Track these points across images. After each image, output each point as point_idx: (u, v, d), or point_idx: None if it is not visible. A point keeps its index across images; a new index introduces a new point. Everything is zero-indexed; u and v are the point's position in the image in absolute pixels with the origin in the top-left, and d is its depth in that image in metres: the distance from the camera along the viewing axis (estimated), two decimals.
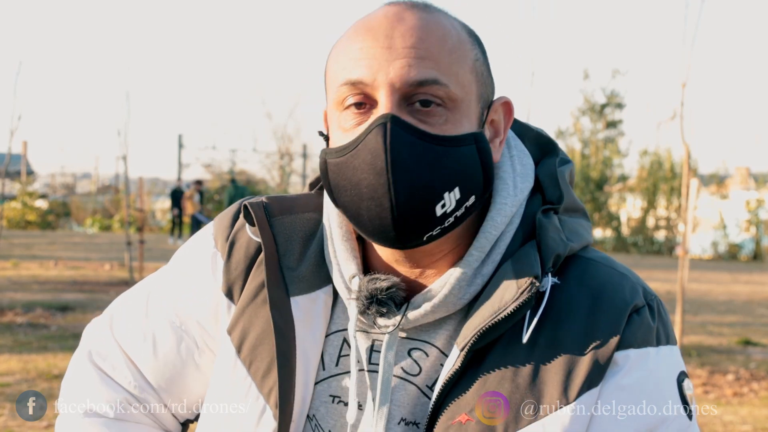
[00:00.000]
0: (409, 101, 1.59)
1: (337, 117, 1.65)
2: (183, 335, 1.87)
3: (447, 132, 1.59)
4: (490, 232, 1.67)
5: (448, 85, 1.59)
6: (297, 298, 1.73)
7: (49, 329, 11.84)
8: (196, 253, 1.89)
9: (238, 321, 1.77)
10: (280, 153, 43.90)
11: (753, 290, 19.91)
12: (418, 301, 1.67)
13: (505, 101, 1.73)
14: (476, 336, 1.59)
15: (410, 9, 1.63)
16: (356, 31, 1.64)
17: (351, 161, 1.59)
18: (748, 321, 14.77)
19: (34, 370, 9.40)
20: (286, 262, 1.77)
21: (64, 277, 17.71)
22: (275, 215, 1.81)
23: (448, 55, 1.60)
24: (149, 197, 39.19)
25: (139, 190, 19.83)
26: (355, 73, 1.60)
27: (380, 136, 1.55)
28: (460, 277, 1.66)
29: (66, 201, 43.14)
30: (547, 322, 1.62)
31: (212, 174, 41.70)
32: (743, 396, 9.36)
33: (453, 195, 1.59)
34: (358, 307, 1.68)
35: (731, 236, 33.49)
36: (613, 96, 37.45)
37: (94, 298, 14.68)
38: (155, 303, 1.91)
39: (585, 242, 1.74)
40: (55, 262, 20.77)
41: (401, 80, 1.57)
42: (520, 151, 1.79)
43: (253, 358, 1.73)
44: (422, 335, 1.69)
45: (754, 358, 11.43)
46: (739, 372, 10.38)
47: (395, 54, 1.58)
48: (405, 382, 1.67)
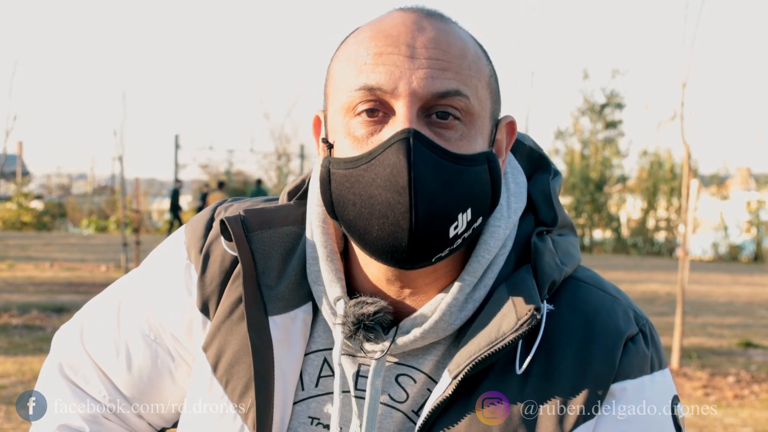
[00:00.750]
0: (428, 113, 1.55)
1: (344, 123, 1.58)
2: (157, 348, 1.83)
3: (462, 148, 1.55)
4: (483, 256, 1.64)
5: (469, 97, 1.55)
6: (275, 317, 1.67)
7: (44, 331, 11.83)
8: (168, 263, 1.83)
9: (214, 338, 1.72)
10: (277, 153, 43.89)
11: (754, 292, 19.91)
12: (407, 326, 1.64)
13: (509, 121, 1.69)
14: (471, 365, 1.56)
15: (428, 18, 1.59)
16: (371, 35, 1.59)
17: (364, 175, 1.54)
18: (749, 323, 14.78)
19: (29, 372, 9.40)
20: (265, 279, 1.70)
21: (60, 279, 17.68)
22: (254, 230, 1.72)
23: (468, 69, 1.57)
24: (145, 198, 39.14)
25: (136, 190, 19.84)
26: (374, 78, 1.54)
27: (402, 153, 1.50)
28: (452, 302, 1.62)
29: (62, 202, 43.09)
30: (540, 350, 1.60)
31: (209, 174, 41.68)
32: (744, 398, 9.36)
33: (465, 216, 1.56)
34: (344, 333, 1.64)
35: (732, 237, 33.48)
36: (613, 96, 37.45)
37: (90, 299, 14.64)
38: (127, 313, 1.86)
39: (576, 263, 1.72)
40: (51, 263, 20.75)
41: (424, 90, 1.53)
42: (513, 168, 1.75)
43: (229, 377, 1.69)
44: (410, 360, 1.66)
45: (755, 360, 11.43)
46: (740, 374, 10.38)
47: (418, 63, 1.54)
48: (391, 409, 1.65)
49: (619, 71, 38.09)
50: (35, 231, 36.53)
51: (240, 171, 43.52)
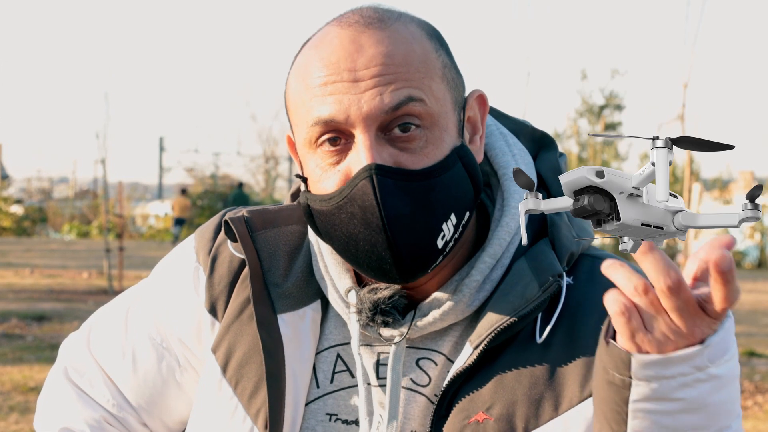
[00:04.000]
0: (387, 129, 1.59)
1: (312, 156, 1.64)
2: (164, 353, 1.86)
3: (430, 155, 1.59)
4: (504, 238, 1.69)
5: (424, 100, 1.59)
6: (284, 315, 1.73)
7: (24, 340, 11.82)
8: (177, 267, 1.88)
9: (223, 339, 1.76)
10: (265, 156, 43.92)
11: (757, 299, 19.94)
12: (425, 308, 1.68)
13: (477, 95, 1.73)
14: (493, 334, 1.60)
15: (365, 30, 1.61)
16: (314, 63, 1.63)
17: (339, 213, 1.60)
18: (753, 331, 14.79)
19: (9, 382, 9.38)
20: (271, 278, 1.76)
21: (41, 286, 17.66)
22: (257, 230, 1.79)
23: (416, 72, 1.60)
24: (129, 202, 39.07)
25: (119, 195, 19.81)
26: (325, 110, 1.59)
27: (369, 192, 1.55)
28: (472, 284, 1.67)
29: (42, 206, 43.00)
30: (562, 320, 1.65)
31: (195, 178, 41.66)
32: (747, 409, 9.38)
33: (450, 223, 1.61)
34: (360, 321, 1.68)
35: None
36: (612, 97, 37.47)
37: (72, 307, 14.64)
38: (135, 318, 1.90)
39: (591, 239, 1.76)
40: (31, 270, 20.71)
41: (376, 111, 1.57)
42: (519, 150, 1.80)
43: (239, 377, 1.73)
44: (428, 344, 1.70)
45: (759, 369, 11.45)
46: (743, 384, 10.38)
47: (363, 86, 1.57)
48: (414, 393, 1.68)
49: (618, 71, 38.10)
50: (15, 236, 36.46)
51: (227, 174, 43.51)
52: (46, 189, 48.79)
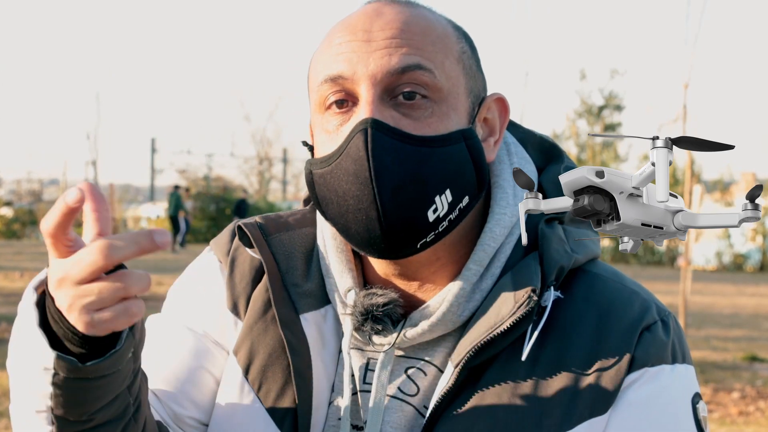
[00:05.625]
0: (393, 94, 1.60)
1: (320, 120, 1.66)
2: (197, 341, 1.79)
3: (433, 126, 1.60)
4: (489, 244, 1.67)
5: (432, 71, 1.60)
6: (306, 314, 1.73)
7: None
8: (200, 268, 1.87)
9: (245, 340, 1.75)
10: (259, 158, 43.94)
11: (759, 303, 19.97)
12: (416, 318, 1.67)
13: (498, 97, 1.72)
14: (471, 353, 1.59)
15: (390, 4, 1.66)
16: (335, 30, 1.67)
17: (335, 171, 1.60)
18: (755, 335, 14.81)
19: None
20: (290, 278, 1.76)
21: None
22: (271, 233, 1.79)
23: (431, 45, 1.62)
24: (120, 204, 39.07)
25: (110, 197, 19.80)
26: (334, 68, 1.62)
27: (361, 143, 1.56)
28: (458, 293, 1.65)
29: (32, 209, 42.93)
30: (550, 339, 1.62)
31: (187, 180, 41.65)
32: (749, 415, 9.38)
33: (445, 198, 1.60)
34: (352, 323, 1.68)
35: (736, 246, 33.58)
36: (612, 97, 37.56)
37: None
38: (166, 315, 1.85)
39: (592, 255, 1.73)
40: (21, 273, 20.70)
41: (382, 70, 1.59)
42: (521, 158, 1.78)
43: (263, 379, 1.72)
44: (419, 353, 1.69)
45: (761, 374, 11.46)
46: (745, 390, 10.40)
47: (375, 45, 1.60)
48: (401, 402, 1.67)
49: (618, 71, 38.21)
50: (4, 239, 36.45)
51: (220, 176, 43.50)
52: (36, 191, 48.73)
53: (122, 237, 1.34)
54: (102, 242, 1.32)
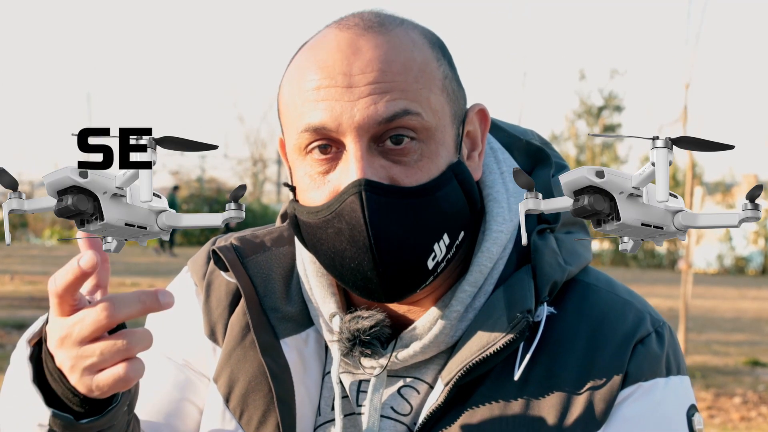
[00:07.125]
0: (380, 140, 1.56)
1: (301, 163, 1.62)
2: (178, 371, 1.79)
3: (425, 169, 1.57)
4: (485, 264, 1.66)
5: (420, 113, 1.56)
6: (287, 339, 1.70)
7: (4, 348, 11.79)
8: (177, 292, 1.79)
9: (224, 368, 1.73)
10: (253, 159, 43.91)
11: (761, 307, 19.96)
12: (406, 339, 1.66)
13: (479, 109, 1.69)
14: (462, 371, 1.58)
15: (364, 33, 1.59)
16: (309, 65, 1.60)
17: (326, 228, 1.58)
18: (756, 340, 14.81)
19: None
20: (269, 302, 1.73)
21: (21, 293, 17.63)
22: (248, 255, 1.75)
23: (414, 82, 1.57)
24: None
25: None
26: (316, 117, 1.56)
27: (357, 207, 1.53)
28: (452, 315, 1.64)
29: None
30: (541, 356, 1.61)
31: (180, 182, 41.61)
32: (751, 420, 9.39)
33: (443, 242, 1.59)
34: (340, 350, 1.66)
35: (738, 249, 33.57)
36: (611, 98, 37.51)
37: None
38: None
39: (584, 262, 1.72)
40: (11, 276, 20.67)
41: (369, 121, 1.54)
42: (509, 166, 1.75)
43: (244, 407, 1.69)
44: (412, 372, 1.68)
45: (763, 379, 11.47)
46: (747, 395, 10.41)
47: (357, 93, 1.55)
48: (395, 422, 1.66)
49: (617, 71, 38.16)
50: None
51: (213, 178, 43.46)
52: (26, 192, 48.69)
53: (126, 296, 1.36)
54: (106, 302, 1.34)
